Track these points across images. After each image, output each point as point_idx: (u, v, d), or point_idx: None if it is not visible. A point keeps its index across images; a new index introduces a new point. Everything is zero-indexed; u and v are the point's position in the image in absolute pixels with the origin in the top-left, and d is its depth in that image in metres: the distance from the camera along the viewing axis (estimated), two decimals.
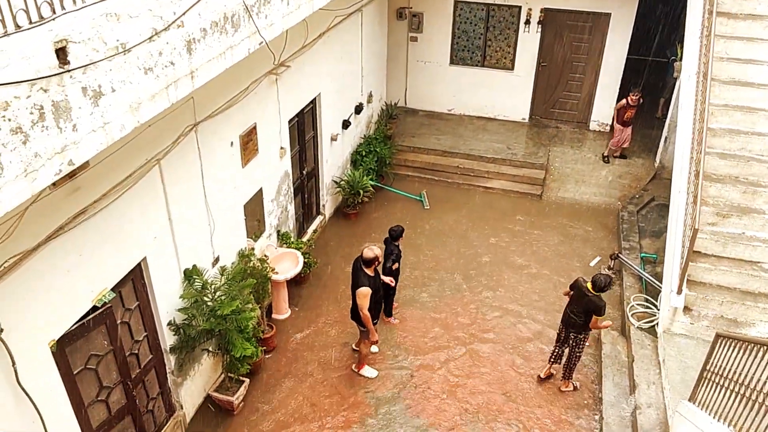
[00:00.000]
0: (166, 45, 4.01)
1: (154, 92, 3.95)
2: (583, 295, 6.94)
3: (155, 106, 4.01)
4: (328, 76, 9.49)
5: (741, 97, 8.35)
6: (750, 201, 7.80)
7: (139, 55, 3.77)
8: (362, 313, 6.97)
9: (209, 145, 6.47)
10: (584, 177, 11.69)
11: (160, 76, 3.98)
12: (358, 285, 6.95)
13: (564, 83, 12.78)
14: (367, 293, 6.90)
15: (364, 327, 7.23)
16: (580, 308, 7.01)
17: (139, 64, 3.77)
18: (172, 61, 4.09)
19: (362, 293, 6.90)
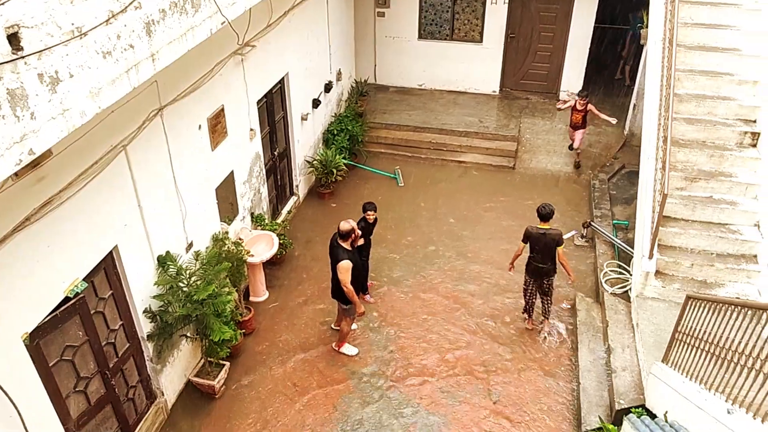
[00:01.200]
0: (124, 28, 3.90)
1: (114, 77, 3.85)
2: (541, 236, 7.33)
3: (116, 91, 3.91)
4: (296, 54, 9.37)
5: (706, 62, 8.45)
6: (717, 165, 7.94)
7: (97, 39, 3.67)
8: (345, 288, 6.96)
9: (176, 129, 6.36)
10: (555, 147, 11.78)
11: (119, 60, 3.89)
12: (338, 260, 6.93)
13: (533, 54, 12.79)
14: (348, 267, 6.89)
15: (345, 304, 7.25)
16: (544, 251, 7.38)
17: (97, 48, 3.67)
18: (131, 44, 3.99)
19: (343, 267, 6.89)
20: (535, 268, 7.58)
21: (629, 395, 6.58)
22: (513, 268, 8.00)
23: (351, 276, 6.94)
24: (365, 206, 7.92)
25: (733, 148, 8.00)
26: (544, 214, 7.35)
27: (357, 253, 7.28)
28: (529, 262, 7.66)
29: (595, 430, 6.54)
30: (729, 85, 8.28)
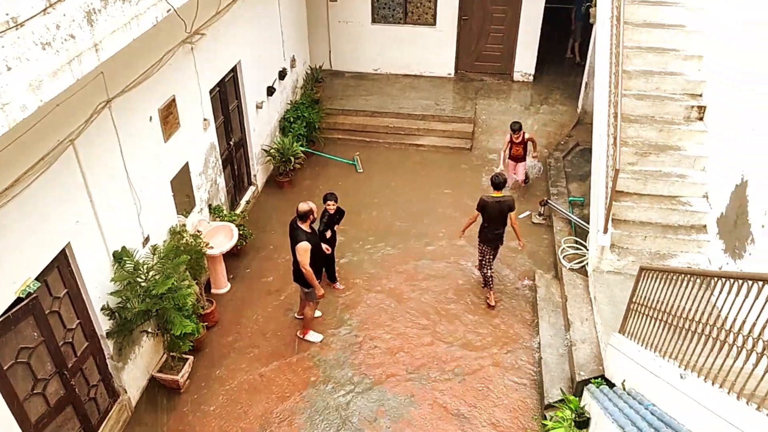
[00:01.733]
0: (64, 17, 3.77)
1: (55, 68, 3.73)
2: (496, 203, 7.67)
3: (59, 83, 3.79)
4: (248, 42, 9.22)
5: (653, 38, 8.64)
6: (666, 139, 8.15)
7: (35, 30, 3.54)
8: (304, 270, 6.94)
9: (126, 122, 6.21)
10: None
11: (60, 50, 3.76)
12: (297, 241, 6.91)
13: (486, 36, 12.87)
14: (307, 248, 6.86)
15: (306, 288, 7.24)
16: (500, 218, 7.73)
17: (35, 39, 3.54)
18: (72, 34, 3.86)
19: (302, 248, 6.86)
20: (492, 236, 7.92)
21: (589, 366, 6.75)
22: (463, 234, 8.35)
23: (311, 258, 6.93)
24: (325, 197, 7.88)
25: (681, 122, 8.22)
26: (497, 183, 7.72)
27: (319, 236, 7.28)
28: (484, 231, 7.97)
29: (558, 402, 6.70)
30: (675, 60, 8.48)
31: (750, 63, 6.76)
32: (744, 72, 6.93)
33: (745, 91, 6.84)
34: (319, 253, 7.18)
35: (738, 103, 7.04)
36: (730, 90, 7.32)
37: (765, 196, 6.16)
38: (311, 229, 7.07)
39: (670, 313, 5.15)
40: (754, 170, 6.48)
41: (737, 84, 7.12)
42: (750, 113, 6.66)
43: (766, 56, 6.39)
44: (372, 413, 6.91)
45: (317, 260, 7.19)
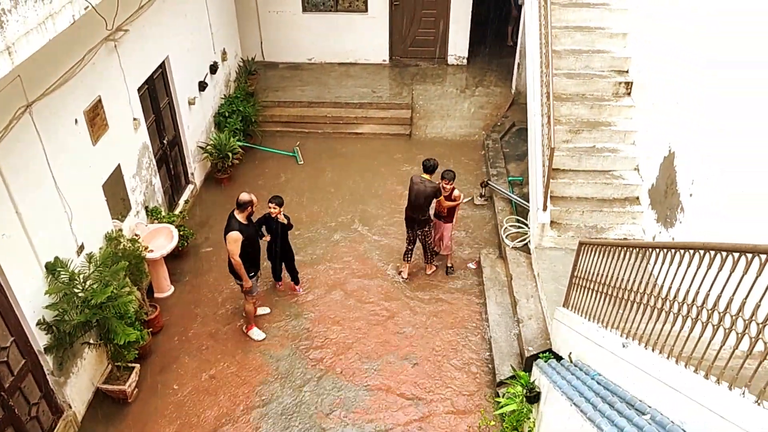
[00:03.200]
0: None
1: None
2: (420, 184, 7.75)
3: None
4: (175, 36, 8.93)
5: (580, 17, 8.84)
6: (597, 115, 8.38)
7: None
8: (233, 260, 6.86)
9: (50, 126, 5.92)
10: (449, 111, 12.00)
11: None
12: (228, 230, 6.82)
13: (418, 21, 12.89)
14: (237, 237, 6.76)
15: (238, 280, 7.14)
16: (418, 201, 7.79)
17: None
18: None
19: (231, 237, 6.78)
20: (408, 217, 8.07)
21: (537, 342, 6.92)
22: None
23: (246, 251, 6.86)
24: (269, 200, 7.62)
25: (610, 98, 8.46)
26: (428, 166, 7.81)
27: (254, 229, 7.16)
28: (406, 213, 8.13)
29: (509, 378, 6.86)
30: (602, 38, 8.71)
31: (671, 38, 7.01)
32: (666, 47, 7.18)
33: (668, 65, 7.09)
34: (251, 247, 7.07)
35: (662, 78, 7.30)
36: (654, 65, 7.58)
37: (691, 166, 6.43)
38: (248, 221, 6.96)
39: (610, 285, 5.33)
40: (679, 142, 6.74)
41: (660, 59, 7.37)
42: (673, 87, 6.92)
43: (686, 32, 6.63)
44: (328, 405, 6.90)
45: (253, 254, 7.10)
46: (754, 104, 5.40)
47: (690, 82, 6.49)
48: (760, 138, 5.35)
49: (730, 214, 5.69)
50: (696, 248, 3.77)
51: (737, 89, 5.66)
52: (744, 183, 5.55)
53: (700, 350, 3.63)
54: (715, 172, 5.96)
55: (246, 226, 6.91)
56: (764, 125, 5.30)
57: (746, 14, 5.55)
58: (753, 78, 5.40)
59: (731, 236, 5.15)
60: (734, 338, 3.33)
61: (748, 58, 5.48)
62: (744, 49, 5.54)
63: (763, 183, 5.34)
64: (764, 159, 5.31)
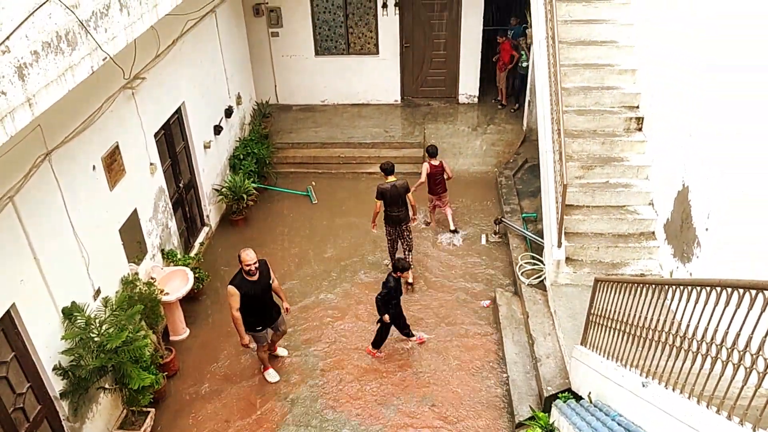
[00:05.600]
0: None
1: None
2: (392, 188, 8.50)
3: None
4: (191, 82, 9.14)
5: (588, 55, 8.92)
6: (609, 151, 8.39)
7: None
8: (231, 314, 6.85)
9: (68, 173, 6.05)
10: (461, 149, 12.08)
11: None
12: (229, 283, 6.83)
13: (429, 61, 13.10)
14: (233, 292, 6.73)
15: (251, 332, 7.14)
16: (398, 200, 8.57)
17: None
18: (3, 91, 3.75)
19: (228, 292, 6.79)
20: (394, 217, 8.70)
21: (555, 381, 6.80)
22: (375, 225, 9.02)
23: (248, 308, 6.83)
24: (397, 266, 7.49)
25: (621, 133, 8.47)
26: (386, 168, 8.66)
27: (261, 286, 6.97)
28: (387, 215, 8.72)
29: (528, 420, 6.72)
30: (611, 75, 8.77)
31: (680, 74, 7.04)
32: (676, 83, 7.22)
33: (678, 101, 7.12)
34: (256, 303, 6.97)
35: (672, 113, 7.32)
36: (664, 101, 7.61)
37: (705, 200, 6.38)
38: (259, 276, 6.86)
39: (628, 322, 5.25)
40: (692, 176, 6.71)
41: (670, 95, 7.40)
42: (684, 123, 6.92)
43: (693, 67, 6.67)
44: None
45: (257, 308, 7.00)
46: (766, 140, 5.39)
47: (700, 119, 6.50)
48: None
49: (747, 249, 5.62)
50: (713, 285, 3.73)
51: (748, 125, 5.65)
52: (760, 218, 5.49)
53: (722, 389, 3.55)
54: (730, 206, 5.92)
55: (249, 282, 6.81)
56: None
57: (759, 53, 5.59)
58: (765, 114, 5.40)
59: (750, 272, 5.08)
60: (756, 377, 3.26)
61: (759, 93, 5.48)
62: (757, 86, 5.55)
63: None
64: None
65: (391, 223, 8.80)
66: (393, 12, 12.33)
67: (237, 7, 11.53)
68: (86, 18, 4.65)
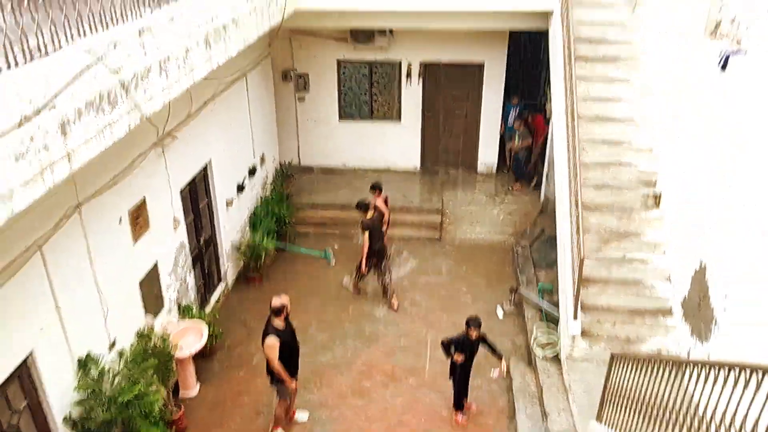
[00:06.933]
0: (38, 129, 3.87)
1: (27, 179, 3.78)
2: (372, 222, 9.38)
3: (30, 193, 3.83)
4: (218, 141, 9.44)
5: (606, 132, 9.11)
6: (626, 225, 8.43)
7: (9, 143, 3.62)
8: (272, 366, 6.78)
9: (95, 225, 6.22)
10: (478, 217, 12.19)
11: (33, 161, 3.82)
12: (264, 336, 6.78)
13: (449, 130, 13.41)
14: (272, 344, 6.68)
15: (274, 383, 7.05)
16: (382, 232, 9.61)
17: (9, 152, 3.61)
18: (45, 146, 3.95)
19: (267, 345, 6.71)
20: (378, 250, 9.54)
21: None
22: (368, 269, 9.73)
23: (283, 355, 6.78)
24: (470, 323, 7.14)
25: (639, 209, 8.54)
26: (365, 205, 9.58)
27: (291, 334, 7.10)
28: (371, 249, 9.43)
29: None
30: (628, 152, 8.92)
31: (697, 155, 7.17)
32: (692, 163, 7.33)
33: (695, 181, 7.21)
34: (289, 351, 7.03)
35: (689, 193, 7.39)
36: (681, 180, 7.71)
37: (723, 281, 6.36)
38: (286, 325, 6.95)
39: (645, 401, 5.17)
40: (710, 256, 6.72)
41: (687, 175, 7.50)
42: (700, 203, 6.99)
43: (711, 149, 6.79)
44: None
45: (290, 359, 7.02)
46: None
47: (717, 200, 6.56)
48: None
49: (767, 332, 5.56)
50: (731, 366, 3.70)
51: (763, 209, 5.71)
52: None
53: None
54: (748, 288, 5.90)
55: (283, 332, 6.84)
56: None
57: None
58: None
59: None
60: None
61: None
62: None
63: None
64: None
65: (377, 254, 9.53)
66: (417, 82, 12.74)
67: (267, 72, 11.99)
68: (128, 80, 4.90)
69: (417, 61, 12.56)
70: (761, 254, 5.73)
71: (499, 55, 12.37)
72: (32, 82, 3.80)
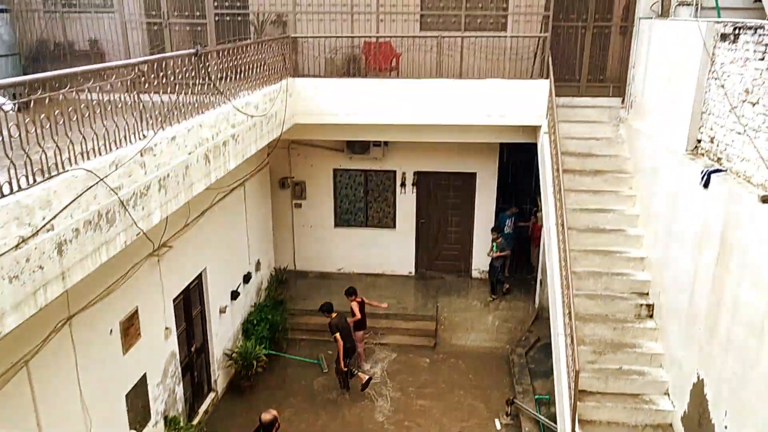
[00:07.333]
0: (35, 250, 3.95)
1: (19, 300, 3.81)
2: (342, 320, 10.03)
3: (21, 314, 3.85)
4: (214, 249, 9.54)
5: (597, 242, 9.23)
6: (621, 336, 8.38)
7: (4, 264, 3.68)
8: None
9: (85, 337, 6.17)
10: (473, 324, 12.10)
11: (26, 282, 3.88)
12: None
13: (443, 237, 13.59)
14: None
15: None
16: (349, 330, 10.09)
17: (4, 274, 3.67)
18: (41, 266, 4.01)
19: None
20: (349, 348, 9.94)
21: None
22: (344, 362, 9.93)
23: None
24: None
25: (633, 320, 8.51)
26: (326, 308, 10.12)
27: None
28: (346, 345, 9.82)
29: None
30: (620, 261, 9.01)
31: (687, 265, 7.25)
32: (683, 274, 7.40)
33: (687, 293, 7.25)
34: None
35: (682, 304, 7.41)
36: (673, 290, 7.75)
37: (722, 396, 6.25)
38: None
39: None
40: (707, 369, 6.64)
41: (678, 285, 7.55)
42: (695, 314, 6.99)
43: (701, 261, 6.88)
44: None
45: None
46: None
47: (709, 313, 6.58)
48: None
49: None
50: None
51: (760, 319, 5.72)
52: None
53: None
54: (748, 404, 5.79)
55: None
56: None
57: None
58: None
59: None
60: None
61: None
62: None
63: None
64: None
65: (349, 355, 9.89)
66: (411, 190, 13.06)
67: (265, 179, 12.32)
68: (127, 198, 5.04)
69: (411, 170, 12.96)
70: (756, 370, 5.67)
71: (490, 165, 12.78)
72: (33, 205, 3.91)
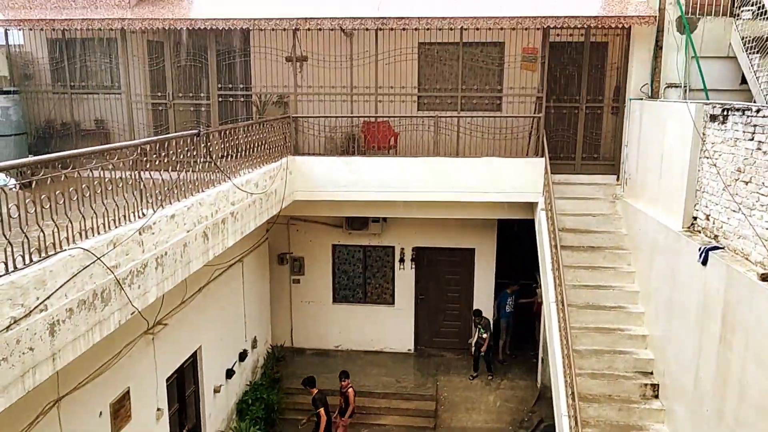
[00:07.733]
0: (26, 331, 3.88)
1: (7, 383, 3.71)
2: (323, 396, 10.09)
3: (8, 397, 3.74)
4: (210, 326, 9.41)
5: (597, 319, 9.11)
6: (627, 418, 8.11)
7: None
8: None
9: (73, 420, 5.98)
10: (474, 404, 11.77)
11: (15, 364, 3.79)
12: None
13: (443, 313, 13.45)
14: None
15: None
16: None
17: None
18: (31, 347, 3.93)
19: None
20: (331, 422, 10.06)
21: None
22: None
23: None
24: None
25: (638, 400, 8.27)
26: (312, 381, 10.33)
27: None
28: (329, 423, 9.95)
29: None
30: (622, 339, 8.85)
31: (691, 341, 7.12)
32: (687, 350, 7.26)
33: (692, 371, 7.09)
34: None
35: (687, 385, 7.24)
36: (678, 370, 7.57)
37: None
38: None
39: None
40: None
41: (684, 365, 7.39)
42: (700, 395, 6.81)
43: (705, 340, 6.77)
44: None
45: None
46: None
47: (717, 392, 6.41)
48: None
49: None
50: None
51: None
52: None
53: None
54: None
55: None
56: None
57: None
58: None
59: None
60: None
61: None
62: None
63: None
64: None
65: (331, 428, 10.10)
66: (410, 266, 13.03)
67: (263, 255, 12.31)
68: (123, 277, 5.01)
69: (410, 246, 12.98)
70: None
71: (488, 241, 12.81)
72: (27, 285, 3.88)
